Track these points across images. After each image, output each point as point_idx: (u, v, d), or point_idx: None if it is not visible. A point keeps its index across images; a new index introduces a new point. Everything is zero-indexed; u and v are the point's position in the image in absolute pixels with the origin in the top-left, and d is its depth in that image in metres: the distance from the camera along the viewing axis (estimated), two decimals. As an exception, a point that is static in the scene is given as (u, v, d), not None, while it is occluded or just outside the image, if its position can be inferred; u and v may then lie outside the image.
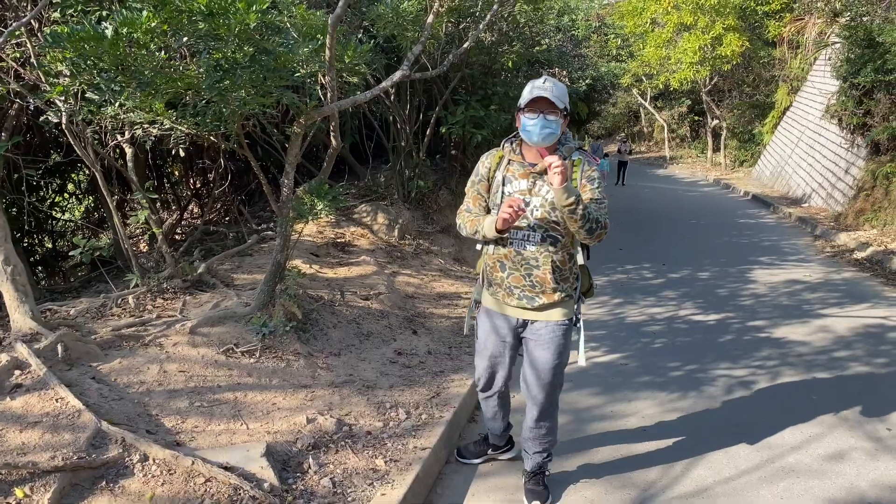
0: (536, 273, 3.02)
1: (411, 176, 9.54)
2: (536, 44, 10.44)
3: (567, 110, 2.93)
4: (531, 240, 3.01)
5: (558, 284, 3.04)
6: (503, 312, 3.18)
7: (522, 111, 2.92)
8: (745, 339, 6.22)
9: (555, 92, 2.86)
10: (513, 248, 3.04)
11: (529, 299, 3.07)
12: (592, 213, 2.83)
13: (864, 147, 13.39)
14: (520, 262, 3.05)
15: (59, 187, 9.03)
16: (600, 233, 2.90)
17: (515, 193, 3.01)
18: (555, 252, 3.01)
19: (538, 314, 3.11)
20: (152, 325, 4.62)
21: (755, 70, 26.16)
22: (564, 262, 3.06)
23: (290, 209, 4.81)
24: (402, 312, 6.19)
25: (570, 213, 2.77)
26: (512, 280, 3.08)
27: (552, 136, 2.89)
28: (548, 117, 2.85)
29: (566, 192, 2.72)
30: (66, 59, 3.80)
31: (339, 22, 4.26)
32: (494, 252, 3.11)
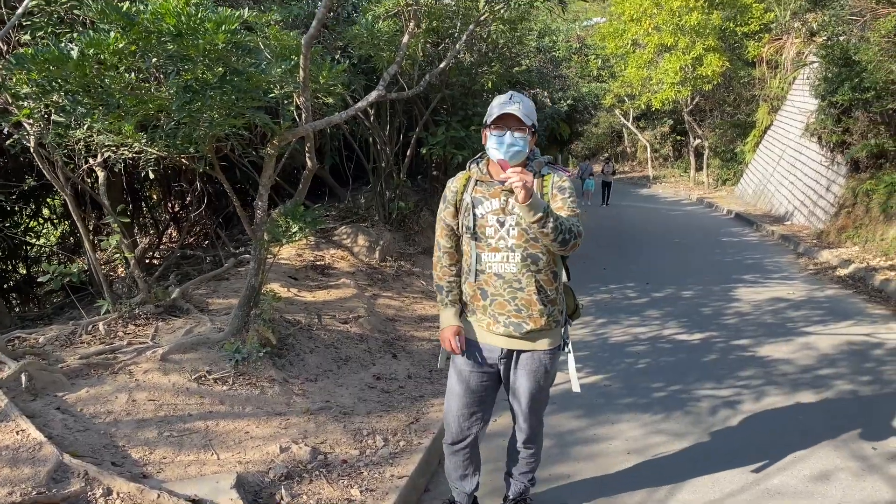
0: (521, 296, 2.85)
1: (392, 197, 9.48)
2: (516, 64, 10.46)
3: (535, 127, 2.86)
4: (511, 260, 2.84)
5: (545, 307, 2.87)
6: (486, 341, 2.97)
7: (489, 128, 2.83)
8: (730, 358, 6.16)
9: (522, 109, 2.77)
10: (492, 271, 2.87)
11: (517, 326, 2.87)
12: (563, 224, 2.67)
13: (844, 164, 13.50)
14: (502, 287, 2.87)
15: (33, 212, 8.89)
16: (574, 243, 2.74)
17: (489, 214, 2.88)
18: (538, 271, 2.85)
19: (526, 343, 2.92)
20: (122, 352, 4.49)
21: (736, 90, 26.48)
22: (549, 282, 2.89)
23: (264, 232, 4.72)
24: (381, 336, 6.08)
25: (540, 228, 2.63)
26: (496, 307, 2.90)
27: (520, 153, 2.81)
28: (515, 134, 2.76)
29: (531, 208, 2.57)
30: (32, 81, 3.72)
31: (312, 42, 4.20)
32: (475, 279, 2.92)
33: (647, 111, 32.05)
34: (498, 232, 2.85)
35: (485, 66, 9.22)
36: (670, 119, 34.04)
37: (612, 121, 38.21)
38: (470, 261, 2.93)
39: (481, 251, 2.88)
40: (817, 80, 12.27)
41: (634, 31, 25.82)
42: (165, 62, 3.89)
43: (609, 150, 39.81)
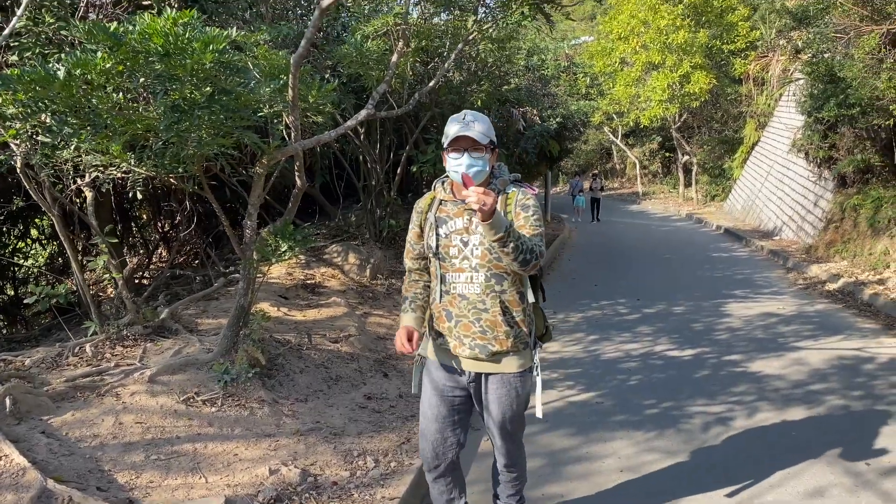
0: (486, 317, 2.78)
1: (383, 215, 9.47)
2: (505, 83, 10.52)
3: (494, 143, 2.82)
4: (475, 281, 2.79)
5: (511, 328, 2.81)
6: (452, 365, 2.90)
7: (447, 150, 2.77)
8: (722, 374, 6.16)
9: (477, 128, 2.73)
10: (456, 292, 2.81)
11: (482, 348, 2.80)
12: (525, 244, 2.60)
13: (831, 180, 13.61)
14: (466, 308, 2.80)
15: (21, 233, 8.82)
16: (535, 263, 2.66)
17: (452, 234, 2.83)
18: (502, 292, 2.79)
19: (493, 366, 2.84)
20: (110, 374, 4.44)
21: (723, 106, 26.75)
22: (515, 303, 2.83)
23: (253, 251, 4.70)
24: (372, 355, 6.04)
25: (501, 247, 2.55)
26: (461, 328, 2.83)
27: (480, 173, 2.75)
28: (472, 155, 2.71)
29: (492, 227, 2.49)
30: (18, 101, 3.70)
31: (301, 61, 4.20)
32: (440, 301, 2.86)
33: (635, 128, 32.30)
34: (461, 252, 2.80)
35: (474, 85, 9.27)
36: (658, 136, 34.30)
37: (601, 138, 38.46)
38: (435, 282, 2.88)
39: (445, 272, 2.84)
40: (803, 97, 12.39)
41: (622, 49, 26.09)
42: (153, 82, 3.88)
43: (598, 167, 40.03)
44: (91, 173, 4.83)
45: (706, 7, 24.31)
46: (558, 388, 5.71)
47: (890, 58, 8.50)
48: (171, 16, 3.66)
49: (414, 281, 3.02)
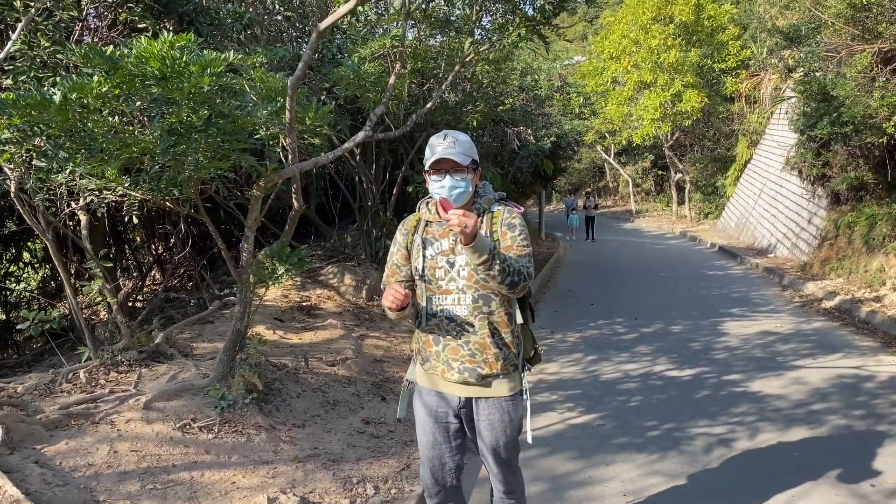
0: (474, 339, 2.72)
1: (379, 235, 9.43)
2: (500, 103, 10.55)
3: (476, 163, 2.77)
4: (462, 302, 2.72)
5: (500, 350, 2.74)
6: (441, 390, 2.82)
7: (428, 173, 2.72)
8: (722, 394, 6.11)
9: (458, 149, 2.67)
10: (444, 314, 2.74)
11: (471, 371, 2.73)
12: (512, 266, 2.55)
13: (825, 197, 13.66)
14: (454, 330, 2.74)
15: (13, 257, 8.74)
16: (523, 285, 2.60)
17: (438, 256, 2.75)
18: (490, 313, 2.73)
19: (483, 390, 2.77)
20: (104, 400, 4.36)
21: (715, 125, 26.93)
22: (503, 324, 2.76)
23: (249, 274, 4.65)
24: (370, 378, 5.98)
25: (486, 271, 2.50)
26: (449, 352, 2.75)
27: (463, 194, 2.70)
28: (454, 177, 2.66)
29: (475, 250, 2.44)
30: (13, 126, 3.66)
31: (298, 83, 4.19)
32: (426, 323, 2.79)
33: (628, 146, 32.48)
34: (448, 273, 2.73)
35: (469, 106, 9.28)
36: (651, 154, 34.51)
37: (594, 156, 38.69)
38: (421, 305, 2.81)
39: (432, 294, 2.77)
40: (796, 115, 12.47)
41: (614, 68, 26.31)
42: (150, 105, 3.85)
43: (591, 185, 40.18)
44: (86, 197, 4.78)
45: (697, 27, 24.59)
46: (558, 411, 5.66)
47: (882, 76, 8.56)
48: (167, 39, 3.64)
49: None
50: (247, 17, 7.03)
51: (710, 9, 24.95)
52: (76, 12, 5.78)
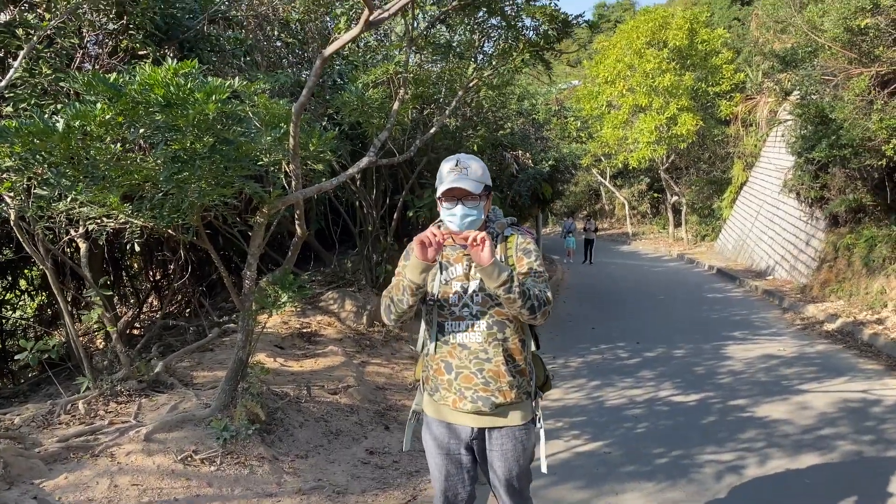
0: (488, 367, 2.63)
1: (379, 260, 9.38)
2: (500, 128, 10.57)
3: (489, 188, 2.68)
4: (476, 329, 2.63)
5: (514, 378, 2.65)
6: (452, 421, 2.73)
7: (440, 199, 2.63)
8: (729, 419, 6.04)
9: (471, 176, 2.60)
10: (456, 341, 2.65)
11: (485, 400, 2.63)
12: (531, 290, 2.50)
13: (823, 219, 13.68)
14: (467, 358, 2.64)
15: (9, 284, 8.65)
16: (545, 310, 2.54)
17: (452, 280, 2.67)
18: (504, 340, 2.64)
19: (496, 419, 2.68)
20: (104, 432, 4.27)
21: (710, 147, 27.10)
22: (518, 351, 2.68)
23: (252, 302, 4.59)
24: (372, 406, 5.89)
25: (506, 293, 2.44)
26: (462, 381, 2.65)
27: (475, 221, 2.62)
28: (467, 204, 2.58)
29: (495, 268, 2.39)
30: (14, 153, 3.62)
31: (302, 110, 4.16)
32: (437, 351, 2.70)
33: (623, 169, 32.63)
34: (461, 299, 2.65)
35: (470, 130, 9.29)
36: (647, 177, 34.64)
37: (590, 179, 38.82)
38: (431, 331, 2.71)
39: (444, 320, 2.68)
40: (794, 138, 12.52)
41: (609, 92, 26.48)
42: (153, 132, 3.81)
43: (587, 208, 40.29)
44: (86, 225, 4.73)
45: (691, 51, 24.82)
46: (564, 438, 5.57)
47: (880, 99, 8.60)
48: (172, 66, 3.61)
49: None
50: (247, 44, 7.04)
51: (703, 33, 25.22)
52: (77, 40, 5.77)
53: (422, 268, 2.52)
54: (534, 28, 6.00)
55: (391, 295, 2.68)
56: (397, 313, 2.67)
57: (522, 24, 6.00)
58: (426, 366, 2.80)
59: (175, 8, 6.40)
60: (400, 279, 2.63)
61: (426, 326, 2.76)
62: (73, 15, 5.49)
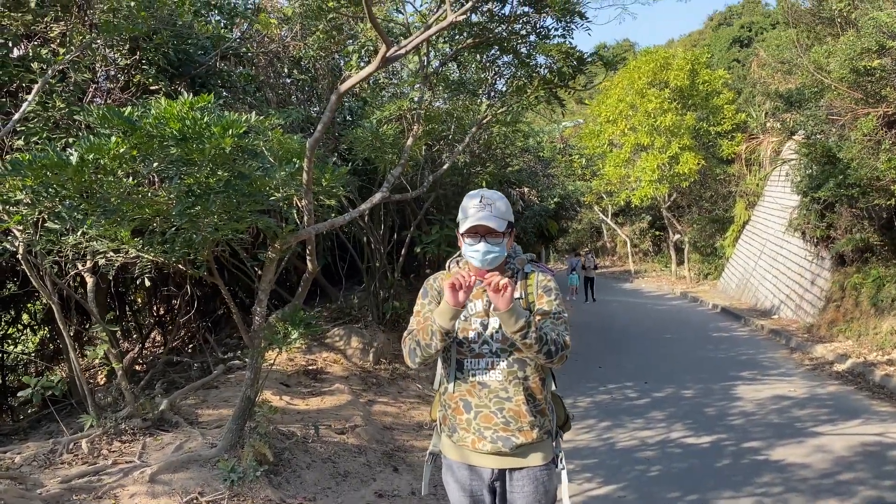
0: (509, 406, 2.56)
1: (386, 297, 9.31)
2: (508, 165, 10.60)
3: (512, 225, 2.63)
4: (496, 367, 2.57)
5: (535, 418, 2.59)
6: (473, 463, 2.65)
7: (462, 235, 2.59)
8: (743, 462, 5.90)
9: (495, 213, 2.55)
10: (476, 380, 2.59)
11: (505, 440, 2.57)
12: (549, 335, 2.45)
13: (829, 259, 13.62)
14: (487, 397, 2.58)
15: (12, 319, 8.56)
16: (562, 354, 2.49)
17: (471, 317, 2.61)
18: (525, 378, 2.58)
19: (517, 460, 2.61)
20: (107, 473, 4.16)
21: (712, 186, 27.18)
22: (538, 390, 2.62)
23: (262, 339, 4.50)
24: (380, 447, 5.76)
25: (522, 339, 2.39)
26: (481, 420, 2.59)
27: (497, 258, 2.57)
28: (489, 241, 2.53)
29: (513, 314, 2.35)
30: (27, 187, 3.57)
31: (316, 145, 4.13)
32: (455, 390, 2.63)
33: (625, 207, 32.70)
34: (481, 336, 2.59)
35: (478, 167, 9.30)
36: (648, 214, 34.72)
37: (592, 216, 38.90)
38: (450, 369, 2.64)
39: (463, 357, 2.61)
40: (799, 177, 12.54)
41: (611, 131, 26.66)
42: (167, 166, 3.78)
43: (589, 245, 40.31)
44: (95, 259, 4.67)
45: (692, 91, 25.05)
46: (577, 481, 5.43)
47: (888, 139, 8.61)
48: (187, 100, 3.59)
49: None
50: (258, 80, 7.07)
51: (704, 74, 25.48)
52: (90, 74, 5.79)
53: (452, 313, 2.45)
54: (547, 66, 6.03)
55: (417, 339, 2.59)
56: (423, 357, 2.58)
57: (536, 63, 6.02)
58: (443, 405, 2.72)
59: (188, 44, 6.44)
60: (428, 324, 2.54)
61: (444, 364, 2.69)
62: (87, 50, 5.51)
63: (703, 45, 41.54)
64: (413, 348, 2.60)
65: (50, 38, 5.66)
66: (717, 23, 49.80)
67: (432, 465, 2.84)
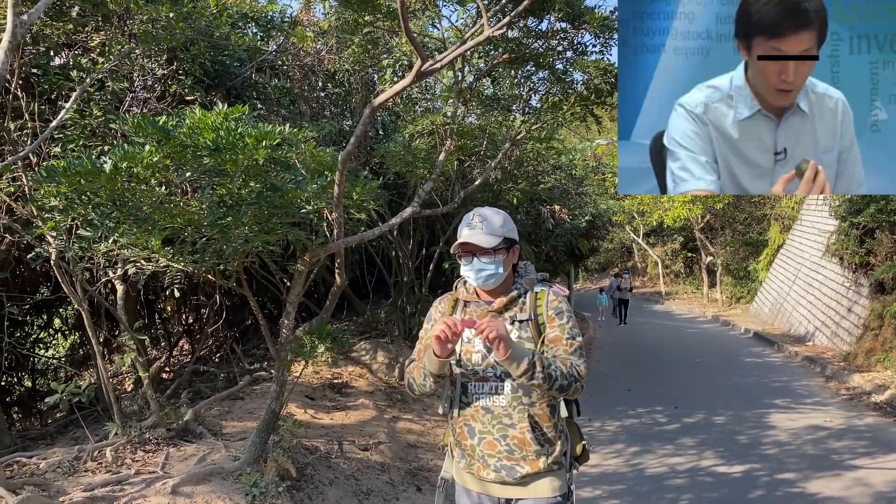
0: (512, 434, 2.45)
1: (413, 312, 9.25)
2: (540, 182, 10.52)
3: (510, 241, 2.54)
4: (500, 392, 2.46)
5: (542, 447, 2.46)
6: (480, 491, 2.56)
7: (457, 255, 2.55)
8: (777, 494, 5.71)
9: (486, 230, 2.48)
10: (479, 404, 2.49)
11: (509, 470, 2.46)
12: (558, 370, 2.32)
13: (868, 286, 13.27)
14: (490, 423, 2.48)
15: (44, 323, 8.66)
16: (576, 387, 2.37)
17: (475, 339, 2.49)
18: (530, 404, 2.46)
19: (522, 490, 2.48)
20: (130, 482, 4.13)
21: (746, 209, 26.73)
22: (545, 418, 2.48)
23: (288, 352, 4.46)
24: (403, 465, 5.68)
25: (529, 380, 2.28)
26: (485, 447, 2.49)
27: (493, 277, 2.49)
28: (482, 259, 2.47)
29: (513, 361, 2.25)
30: (61, 193, 3.59)
31: (349, 158, 4.10)
32: (459, 414, 2.54)
33: (657, 227, 32.33)
34: (485, 359, 2.48)
35: (510, 183, 9.23)
36: (681, 236, 34.25)
37: (623, 237, 38.53)
38: (455, 392, 2.55)
39: (467, 381, 2.52)
40: (838, 201, 12.24)
41: (644, 150, 26.39)
42: (200, 176, 3.77)
43: (619, 265, 39.90)
44: (125, 267, 4.68)
45: (728, 111, 24.70)
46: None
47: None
48: (222, 111, 3.59)
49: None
50: (293, 93, 7.10)
51: (740, 95, 25.14)
52: (127, 84, 5.85)
53: (439, 364, 2.38)
54: (584, 82, 5.96)
55: (413, 376, 2.56)
56: (420, 392, 2.57)
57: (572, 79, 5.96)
58: (452, 429, 2.64)
59: (224, 56, 6.49)
60: (420, 365, 2.50)
61: (449, 386, 2.59)
62: (125, 59, 5.57)
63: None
64: (410, 383, 2.59)
65: (90, 47, 5.74)
66: (754, 44, 49.31)
67: (444, 490, 2.74)
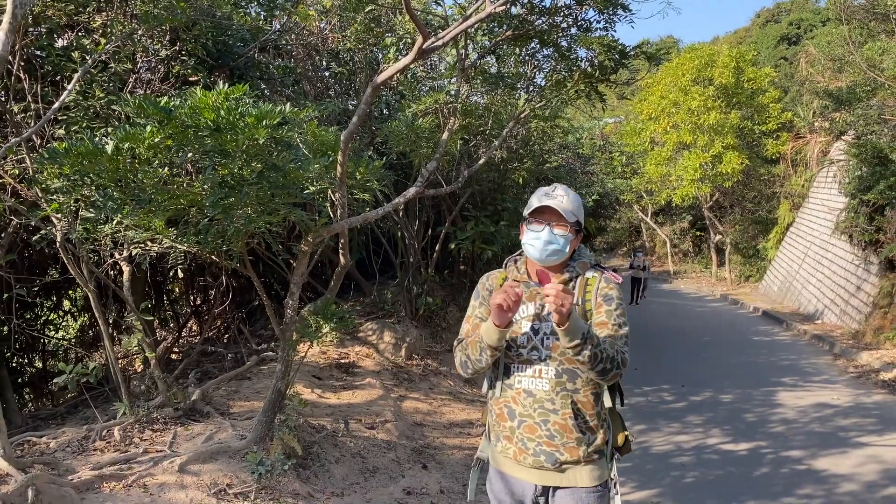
0: (554, 419, 2.39)
1: (419, 292, 9.26)
2: (546, 161, 10.45)
3: (580, 225, 2.48)
4: (544, 375, 2.40)
5: (583, 434, 2.40)
6: (516, 475, 2.51)
7: (527, 221, 2.47)
8: (783, 471, 5.73)
9: (565, 202, 2.42)
10: (521, 387, 2.43)
11: (548, 455, 2.40)
12: (605, 352, 2.27)
13: (877, 263, 13.19)
14: (531, 406, 2.42)
15: (54, 305, 8.71)
16: (615, 374, 2.32)
17: (522, 320, 2.44)
18: (574, 391, 2.40)
19: (561, 477, 2.42)
20: (138, 461, 4.17)
21: (756, 187, 26.52)
22: (588, 405, 2.43)
23: (293, 332, 4.48)
24: (409, 443, 5.72)
25: (575, 355, 2.24)
26: (524, 430, 2.43)
27: (558, 253, 2.43)
28: (555, 231, 2.39)
29: (567, 333, 2.19)
30: (63, 175, 3.59)
31: (351, 138, 4.08)
32: (500, 395, 2.49)
33: (665, 206, 32.15)
34: (531, 341, 2.43)
35: (515, 163, 9.17)
36: (689, 214, 34.04)
37: (631, 216, 38.34)
38: (497, 372, 2.50)
39: (510, 362, 2.47)
40: (848, 179, 12.13)
41: (653, 129, 26.19)
42: (201, 157, 3.76)
43: (628, 245, 39.74)
44: (130, 248, 4.70)
45: (737, 89, 24.44)
46: None
47: (945, 141, 8.28)
48: (223, 90, 3.57)
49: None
50: (296, 73, 7.06)
51: (749, 72, 24.83)
52: (130, 65, 5.83)
53: (499, 334, 2.32)
54: (588, 59, 5.89)
55: (467, 352, 2.48)
56: (475, 370, 2.49)
57: (576, 56, 5.89)
58: (490, 410, 2.60)
59: (227, 36, 6.45)
60: (476, 339, 2.43)
61: (492, 367, 2.53)
62: (127, 40, 5.55)
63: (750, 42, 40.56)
64: (464, 361, 2.50)
65: (92, 28, 5.72)
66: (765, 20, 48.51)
67: (479, 470, 2.71)
